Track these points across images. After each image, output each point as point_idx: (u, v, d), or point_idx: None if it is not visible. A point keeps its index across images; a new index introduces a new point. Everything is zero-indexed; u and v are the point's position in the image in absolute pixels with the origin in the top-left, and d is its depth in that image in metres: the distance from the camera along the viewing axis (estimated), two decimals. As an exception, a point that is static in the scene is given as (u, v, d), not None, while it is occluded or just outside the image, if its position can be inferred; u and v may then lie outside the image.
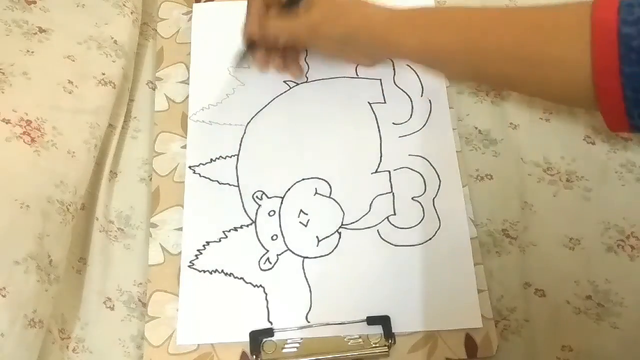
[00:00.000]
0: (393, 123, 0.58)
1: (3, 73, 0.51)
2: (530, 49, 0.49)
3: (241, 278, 0.52)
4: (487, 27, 0.51)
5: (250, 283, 0.51)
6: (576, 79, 0.47)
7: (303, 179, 0.55)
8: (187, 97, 0.59)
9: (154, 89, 0.61)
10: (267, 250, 0.53)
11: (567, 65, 0.48)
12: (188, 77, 0.60)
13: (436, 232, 0.53)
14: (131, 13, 0.60)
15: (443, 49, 0.52)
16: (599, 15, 0.46)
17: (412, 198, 0.55)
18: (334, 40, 0.55)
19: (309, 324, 0.50)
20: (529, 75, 0.51)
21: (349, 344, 0.49)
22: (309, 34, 0.55)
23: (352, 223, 0.54)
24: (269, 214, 0.54)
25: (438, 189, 0.55)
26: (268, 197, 0.54)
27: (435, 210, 0.54)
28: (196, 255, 0.52)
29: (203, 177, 0.56)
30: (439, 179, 0.55)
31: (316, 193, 0.55)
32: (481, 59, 0.51)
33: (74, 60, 0.55)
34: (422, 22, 0.53)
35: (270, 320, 0.50)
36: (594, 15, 0.46)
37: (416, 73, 0.60)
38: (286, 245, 0.53)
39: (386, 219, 0.54)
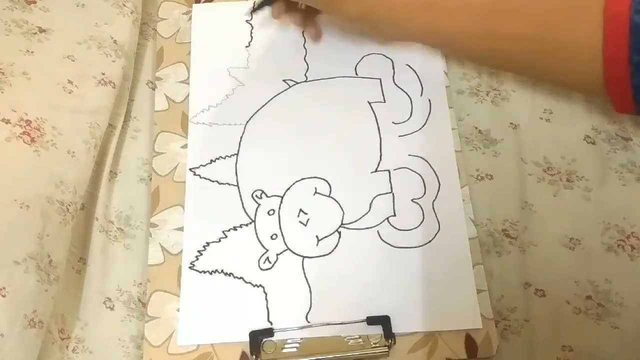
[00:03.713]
0: (393, 122, 0.58)
1: (3, 73, 0.51)
2: (547, 33, 0.49)
3: (241, 278, 0.52)
4: (508, 13, 0.51)
5: (250, 283, 0.51)
6: (589, 65, 0.48)
7: (302, 178, 0.55)
8: (187, 96, 0.59)
9: (153, 89, 0.61)
10: (267, 250, 0.53)
11: (582, 50, 0.48)
12: (188, 77, 0.60)
13: (436, 234, 0.53)
14: (131, 13, 0.60)
15: (463, 35, 0.52)
16: (612, 5, 0.46)
17: (411, 200, 0.54)
18: (348, 17, 0.55)
19: (309, 324, 0.50)
20: (544, 59, 0.51)
21: (349, 344, 0.49)
22: (324, 7, 0.55)
23: (352, 223, 0.54)
24: (268, 213, 0.54)
25: (437, 192, 0.55)
26: (267, 196, 0.54)
27: (435, 213, 0.54)
28: (197, 257, 0.52)
29: (203, 178, 0.56)
30: (439, 181, 0.55)
31: (316, 192, 0.55)
32: (499, 44, 0.52)
33: (73, 60, 0.55)
34: (442, 7, 0.53)
35: (270, 320, 0.50)
36: (607, 3, 0.46)
37: (416, 73, 0.60)
38: (286, 245, 0.53)
39: (386, 220, 0.54)
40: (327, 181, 0.55)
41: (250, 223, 0.54)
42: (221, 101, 0.59)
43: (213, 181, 0.55)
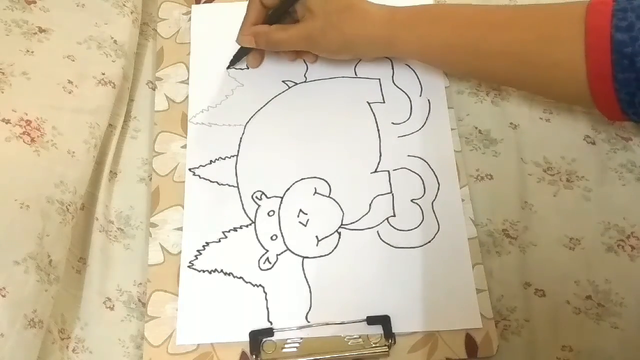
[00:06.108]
0: (392, 123, 0.58)
1: (3, 73, 0.51)
2: (531, 51, 0.50)
3: (240, 277, 0.52)
4: (490, 28, 0.51)
5: (249, 283, 0.51)
6: (574, 81, 0.48)
7: (302, 179, 0.55)
8: (187, 97, 0.59)
9: (154, 89, 0.61)
10: (267, 250, 0.52)
11: (566, 67, 0.49)
12: (188, 77, 0.60)
13: (435, 234, 0.53)
14: (131, 13, 0.60)
15: (445, 49, 0.54)
16: (592, 22, 0.46)
17: (411, 200, 0.54)
18: (332, 50, 0.57)
19: (308, 323, 0.50)
20: (529, 76, 0.52)
21: (349, 343, 0.49)
22: (307, 45, 0.57)
23: (351, 223, 0.54)
24: (268, 214, 0.54)
25: (437, 192, 0.55)
26: (267, 197, 0.54)
27: (434, 213, 0.54)
28: (196, 256, 0.52)
29: (203, 178, 0.56)
30: (438, 182, 0.55)
31: (315, 193, 0.55)
32: (483, 60, 0.52)
33: (73, 60, 0.55)
34: (423, 22, 0.53)
35: (270, 320, 0.50)
36: (588, 21, 0.46)
37: (415, 73, 0.60)
38: (286, 245, 0.53)
39: (386, 220, 0.54)
40: (326, 181, 0.55)
41: (250, 224, 0.54)
42: (221, 101, 0.59)
43: (213, 182, 0.55)
